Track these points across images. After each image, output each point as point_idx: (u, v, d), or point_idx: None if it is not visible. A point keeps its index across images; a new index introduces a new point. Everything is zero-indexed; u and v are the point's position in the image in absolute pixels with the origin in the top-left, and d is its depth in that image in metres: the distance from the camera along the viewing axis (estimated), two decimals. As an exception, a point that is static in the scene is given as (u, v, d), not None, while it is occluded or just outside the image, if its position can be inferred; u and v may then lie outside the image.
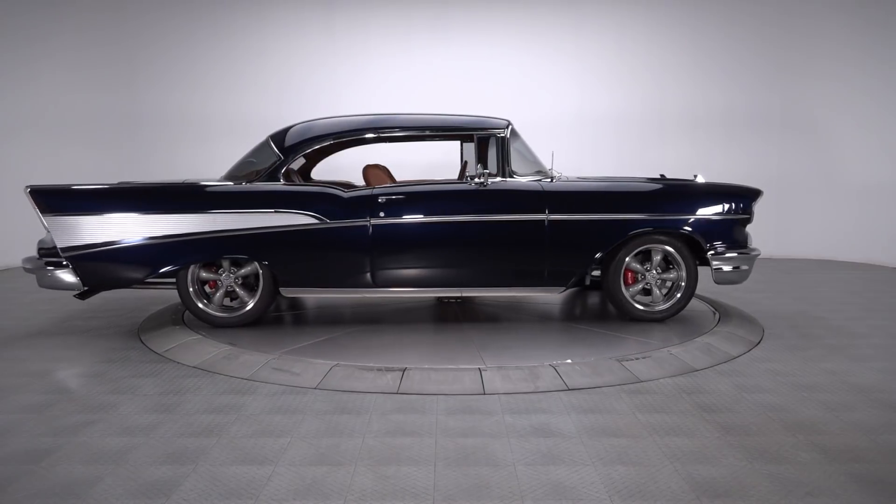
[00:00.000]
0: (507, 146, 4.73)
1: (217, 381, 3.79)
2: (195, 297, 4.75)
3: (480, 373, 3.73)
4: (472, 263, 4.67)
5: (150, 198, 4.60)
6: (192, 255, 4.58)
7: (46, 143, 8.63)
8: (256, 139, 5.46)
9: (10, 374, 3.95)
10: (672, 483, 2.53)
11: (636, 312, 4.80)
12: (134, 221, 4.52)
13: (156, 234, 4.52)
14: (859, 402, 3.39)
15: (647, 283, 4.81)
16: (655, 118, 8.73)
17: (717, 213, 4.70)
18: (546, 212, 4.58)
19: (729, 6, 8.60)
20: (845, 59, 8.33)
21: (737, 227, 4.76)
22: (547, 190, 4.65)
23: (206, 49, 8.87)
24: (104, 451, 2.85)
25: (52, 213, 4.57)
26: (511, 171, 4.73)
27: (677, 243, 4.72)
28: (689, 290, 4.78)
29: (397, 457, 2.78)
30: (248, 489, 2.50)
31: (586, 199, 4.70)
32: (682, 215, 4.67)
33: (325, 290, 4.78)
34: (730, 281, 4.73)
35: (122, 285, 4.69)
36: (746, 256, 4.73)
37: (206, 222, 4.53)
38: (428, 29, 8.80)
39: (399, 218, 4.59)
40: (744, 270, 4.74)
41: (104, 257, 4.53)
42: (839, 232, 8.47)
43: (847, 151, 8.41)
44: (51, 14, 8.45)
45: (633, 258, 4.75)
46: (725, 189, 4.83)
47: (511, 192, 4.66)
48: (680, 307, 4.81)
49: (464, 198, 4.66)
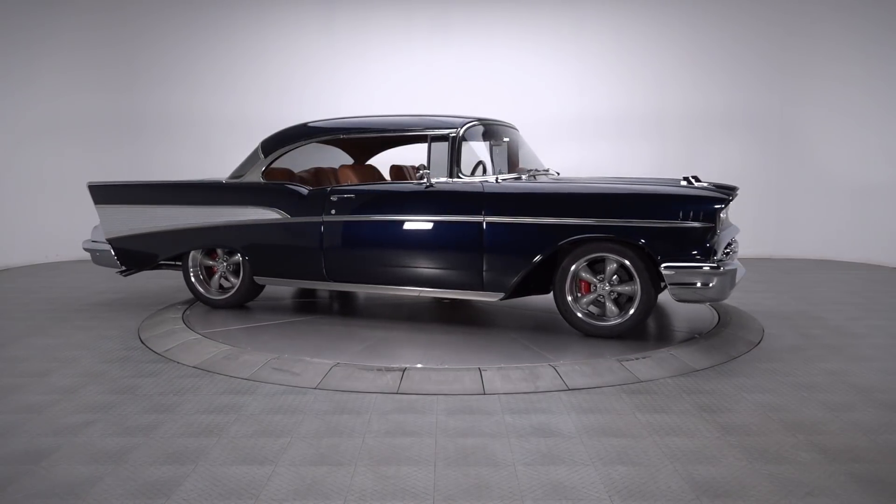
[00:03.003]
0: (457, 147, 4.64)
1: (217, 381, 3.79)
2: (196, 280, 5.47)
3: (480, 373, 3.73)
4: (414, 263, 4.69)
5: (162, 193, 5.47)
6: (190, 244, 5.36)
7: (47, 143, 8.62)
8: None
9: (10, 374, 3.95)
10: (672, 483, 2.53)
11: (582, 325, 4.40)
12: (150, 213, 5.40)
13: (165, 226, 5.37)
14: (859, 402, 3.39)
15: (601, 295, 4.37)
16: (655, 118, 8.72)
17: (669, 220, 4.10)
18: (483, 213, 4.46)
19: (729, 6, 8.60)
20: (845, 59, 8.33)
21: (696, 237, 4.07)
22: (486, 192, 4.51)
23: (207, 49, 8.87)
24: (104, 451, 2.85)
25: (100, 205, 5.63)
26: (458, 172, 4.62)
27: (629, 253, 4.20)
28: (645, 305, 4.23)
29: (397, 457, 2.78)
30: (248, 489, 2.50)
31: (522, 202, 4.45)
32: (627, 222, 4.16)
33: (288, 281, 5.19)
34: (691, 298, 4.10)
35: (145, 267, 5.63)
36: (709, 272, 4.02)
37: (201, 215, 5.26)
38: (428, 29, 8.80)
39: (347, 216, 4.84)
40: (710, 288, 4.03)
41: (131, 243, 5.52)
42: (839, 232, 8.47)
43: (847, 151, 8.40)
44: (51, 14, 8.44)
45: (586, 267, 4.36)
46: (682, 194, 4.22)
47: (452, 193, 4.58)
48: (633, 323, 4.28)
49: (408, 198, 4.75)
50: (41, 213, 8.61)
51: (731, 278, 4.14)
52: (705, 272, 4.03)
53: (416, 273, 4.70)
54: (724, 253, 4.25)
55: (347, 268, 4.89)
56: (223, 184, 5.33)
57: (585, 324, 4.39)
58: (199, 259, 5.44)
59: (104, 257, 5.64)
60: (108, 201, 5.57)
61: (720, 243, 4.18)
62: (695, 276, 4.04)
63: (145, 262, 5.57)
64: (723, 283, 4.06)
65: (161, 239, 5.39)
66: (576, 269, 4.36)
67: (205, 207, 5.24)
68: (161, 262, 5.53)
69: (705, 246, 4.07)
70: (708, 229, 4.06)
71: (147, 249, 5.48)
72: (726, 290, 4.12)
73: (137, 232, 5.46)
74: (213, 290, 5.45)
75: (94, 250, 5.73)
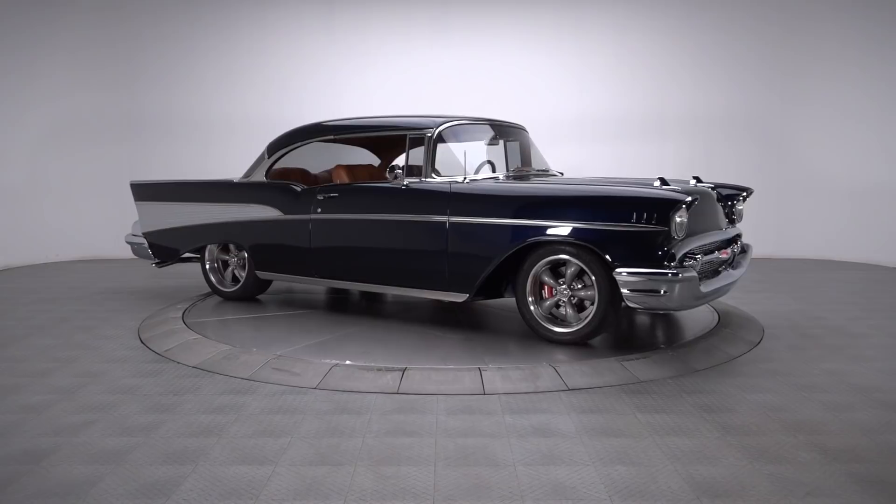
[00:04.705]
0: (431, 147, 4.66)
1: (217, 381, 3.79)
2: (211, 272, 5.83)
3: (480, 373, 3.73)
4: (386, 261, 4.77)
5: (184, 191, 5.90)
6: (205, 239, 5.75)
7: (47, 143, 8.62)
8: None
9: (10, 374, 3.95)
10: (672, 483, 2.53)
11: (540, 329, 4.26)
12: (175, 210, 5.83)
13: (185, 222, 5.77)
14: (859, 402, 3.39)
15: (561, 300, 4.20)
16: (656, 118, 8.72)
17: (621, 223, 3.88)
18: (448, 213, 4.44)
19: (729, 6, 8.60)
20: (845, 59, 8.33)
21: (648, 242, 3.84)
22: (453, 191, 4.48)
23: (207, 49, 8.87)
24: (104, 451, 2.85)
25: (137, 201, 6.08)
26: (431, 172, 4.62)
27: (586, 256, 4.00)
28: (602, 311, 3.99)
29: (397, 457, 2.78)
30: (248, 489, 2.50)
31: (485, 203, 4.38)
32: (582, 224, 3.98)
33: (284, 276, 5.38)
34: (645, 306, 3.85)
35: (173, 259, 6.00)
36: (662, 278, 3.74)
37: (214, 212, 5.61)
38: (428, 29, 8.80)
39: (330, 214, 4.98)
40: (663, 296, 3.76)
41: (160, 237, 5.96)
42: (839, 232, 8.47)
43: (847, 151, 8.40)
44: (51, 15, 8.44)
45: (548, 270, 4.19)
46: (634, 196, 4.01)
47: (421, 193, 4.59)
48: (591, 331, 4.08)
49: (382, 198, 4.81)
50: (41, 212, 8.62)
51: (690, 287, 3.81)
52: (657, 279, 3.75)
53: (388, 271, 4.79)
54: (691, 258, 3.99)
55: (330, 265, 5.06)
56: (233, 182, 5.68)
57: (543, 328, 4.24)
58: (216, 253, 5.82)
59: (141, 250, 6.14)
60: (143, 198, 6.04)
61: (679, 248, 3.90)
62: (647, 282, 3.77)
63: (172, 255, 5.97)
64: (680, 292, 3.77)
65: (182, 234, 5.81)
66: (536, 271, 4.21)
67: (217, 205, 5.61)
68: (183, 255, 5.93)
69: (658, 251, 3.82)
70: (660, 233, 3.82)
71: (171, 244, 5.92)
72: (687, 300, 3.87)
73: (165, 227, 5.91)
74: (227, 283, 5.80)
75: (133, 243, 6.25)
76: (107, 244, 8.78)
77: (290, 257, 5.23)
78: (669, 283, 3.75)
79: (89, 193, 8.79)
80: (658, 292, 3.76)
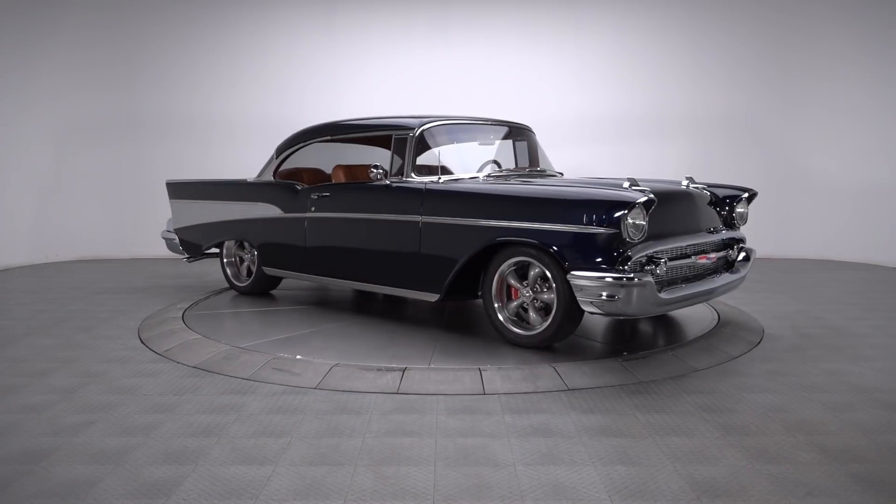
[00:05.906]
0: (412, 147, 4.67)
1: (217, 381, 3.79)
2: (227, 267, 6.15)
3: (480, 373, 3.73)
4: (369, 259, 4.85)
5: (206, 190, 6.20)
6: (222, 236, 6.03)
7: (47, 143, 8.63)
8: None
9: (10, 374, 3.95)
10: (672, 483, 2.53)
11: (504, 332, 4.22)
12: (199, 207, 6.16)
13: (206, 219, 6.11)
14: (859, 402, 3.39)
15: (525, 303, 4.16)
16: (656, 118, 8.73)
17: (575, 225, 3.79)
18: (421, 213, 4.46)
19: (729, 6, 8.60)
20: (845, 59, 8.33)
21: (601, 244, 3.73)
22: (428, 190, 4.49)
23: (207, 49, 8.87)
24: (104, 451, 2.85)
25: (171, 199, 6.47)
26: (411, 171, 4.63)
27: (545, 258, 3.92)
28: (562, 314, 3.90)
29: (397, 457, 2.78)
30: (248, 489, 2.50)
31: (455, 203, 4.36)
32: (540, 225, 3.89)
33: (286, 273, 5.54)
34: (600, 310, 3.73)
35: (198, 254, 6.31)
36: (613, 283, 3.63)
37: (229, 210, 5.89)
38: (428, 29, 8.80)
39: (322, 213, 5.13)
40: (616, 301, 3.64)
41: (187, 233, 6.32)
42: (838, 232, 8.47)
43: (846, 151, 8.41)
44: (51, 15, 8.44)
45: (514, 273, 4.15)
46: (587, 198, 3.89)
47: (400, 192, 4.62)
48: (550, 334, 3.99)
49: (365, 197, 4.89)
50: (41, 212, 8.62)
51: (645, 292, 3.68)
52: (608, 283, 3.64)
53: (370, 269, 4.86)
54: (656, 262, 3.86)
55: (322, 262, 5.18)
56: (245, 182, 5.96)
57: (507, 330, 4.20)
58: (233, 249, 6.12)
59: (173, 245, 6.50)
60: (175, 196, 6.42)
61: (637, 251, 3.78)
62: (600, 286, 3.66)
63: (196, 251, 6.30)
64: (634, 297, 3.65)
65: (204, 230, 6.15)
66: (502, 272, 4.17)
67: (232, 203, 5.88)
68: (206, 250, 6.24)
69: (610, 254, 3.72)
70: (613, 236, 3.70)
71: (196, 239, 6.25)
72: (645, 306, 3.74)
73: (191, 224, 6.27)
74: (242, 278, 6.09)
75: (167, 239, 6.61)
76: (107, 244, 8.80)
77: (290, 254, 5.40)
78: (622, 288, 3.63)
79: (89, 193, 8.79)
80: (612, 297, 3.65)
